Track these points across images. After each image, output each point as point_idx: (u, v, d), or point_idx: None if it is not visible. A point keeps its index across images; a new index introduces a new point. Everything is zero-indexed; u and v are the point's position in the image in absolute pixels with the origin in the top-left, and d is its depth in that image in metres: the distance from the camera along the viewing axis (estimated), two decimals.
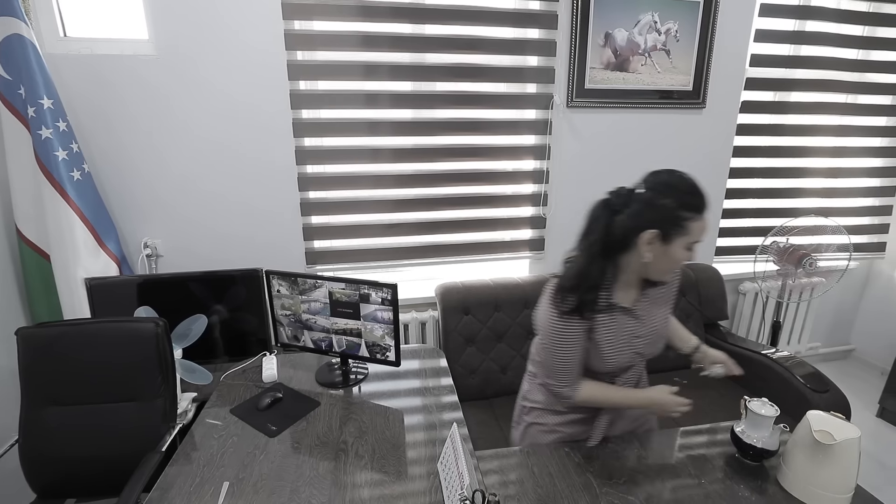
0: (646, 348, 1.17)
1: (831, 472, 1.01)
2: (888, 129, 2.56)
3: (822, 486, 1.02)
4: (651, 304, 1.16)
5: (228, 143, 1.83)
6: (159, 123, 1.77)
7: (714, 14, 2.07)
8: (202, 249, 1.92)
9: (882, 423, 2.40)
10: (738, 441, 1.12)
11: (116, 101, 1.72)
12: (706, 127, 2.26)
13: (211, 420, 1.31)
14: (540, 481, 1.09)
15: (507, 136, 2.06)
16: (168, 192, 1.85)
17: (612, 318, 1.11)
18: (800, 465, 1.04)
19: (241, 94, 1.79)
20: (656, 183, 1.02)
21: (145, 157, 1.80)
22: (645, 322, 1.15)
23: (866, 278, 2.88)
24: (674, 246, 1.01)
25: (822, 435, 0.99)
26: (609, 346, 1.11)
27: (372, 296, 1.38)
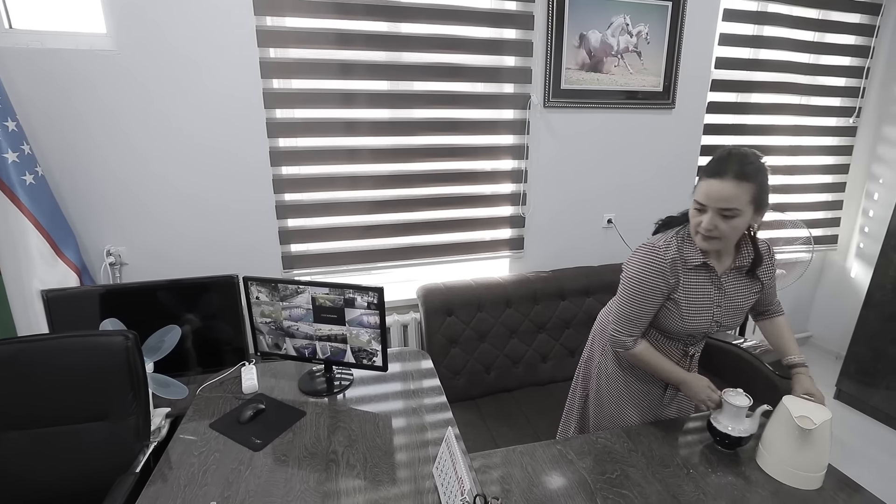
0: (725, 318, 1.19)
1: (809, 454, 1.06)
2: (838, 128, 2.73)
3: (800, 466, 1.07)
4: (740, 278, 1.18)
5: (197, 143, 1.75)
6: (120, 123, 1.67)
7: (682, 17, 2.14)
8: (170, 256, 1.83)
9: (839, 404, 2.55)
10: (713, 430, 1.16)
11: (72, 99, 1.61)
12: (676, 126, 2.34)
13: (189, 436, 1.24)
14: (535, 480, 1.09)
15: (485, 136, 2.06)
16: (132, 195, 1.74)
17: (698, 281, 1.15)
18: (780, 449, 1.09)
19: (210, 93, 1.71)
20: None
21: (106, 158, 1.69)
22: (728, 293, 1.17)
23: (821, 269, 3.06)
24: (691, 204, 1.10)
25: (803, 420, 1.03)
26: (690, 306, 1.15)
27: (357, 300, 1.34)
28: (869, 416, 2.43)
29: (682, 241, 1.15)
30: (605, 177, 2.26)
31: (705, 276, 1.15)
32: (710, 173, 1.05)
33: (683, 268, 1.14)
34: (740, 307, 1.19)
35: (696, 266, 1.14)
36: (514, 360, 1.99)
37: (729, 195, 1.02)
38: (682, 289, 1.15)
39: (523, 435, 1.67)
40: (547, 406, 1.85)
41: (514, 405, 1.88)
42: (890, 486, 1.98)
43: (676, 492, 1.05)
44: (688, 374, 1.22)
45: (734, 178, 1.02)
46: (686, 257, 1.14)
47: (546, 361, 2.05)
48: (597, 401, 1.37)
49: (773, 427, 1.11)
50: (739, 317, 1.21)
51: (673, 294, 1.15)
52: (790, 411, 1.06)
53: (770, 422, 1.13)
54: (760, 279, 1.19)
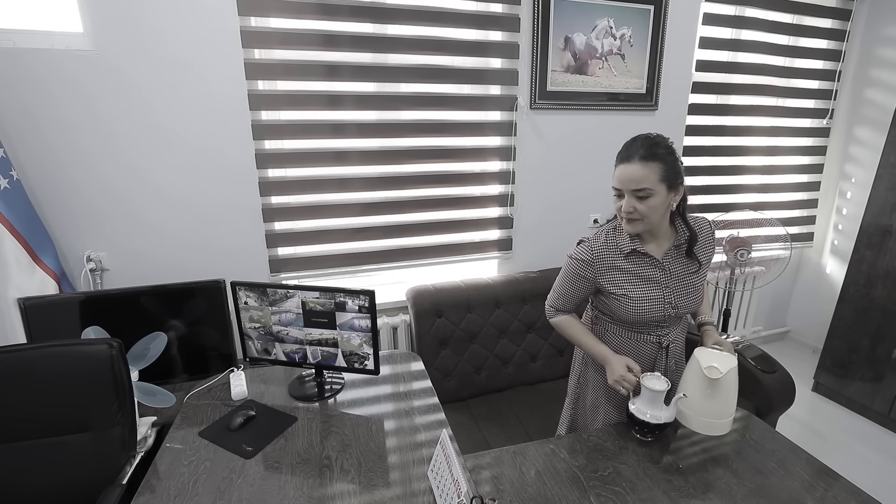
0: (679, 300, 1.21)
1: (719, 401, 1.12)
2: (812, 129, 2.82)
3: (713, 414, 1.12)
4: (682, 259, 1.22)
5: (180, 145, 1.71)
6: (100, 125, 1.62)
7: (663, 21, 2.19)
8: (154, 261, 1.79)
9: (817, 396, 2.64)
10: (631, 417, 1.13)
11: (48, 101, 1.56)
12: (659, 127, 2.33)
13: (177, 445, 1.22)
14: (528, 480, 1.09)
15: (472, 138, 2.07)
16: (112, 200, 1.70)
17: (642, 268, 1.20)
18: (693, 399, 1.13)
19: (193, 94, 1.68)
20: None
21: (84, 162, 1.64)
22: (674, 274, 1.21)
23: (798, 266, 3.15)
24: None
25: (711, 370, 1.09)
26: (639, 294, 1.19)
27: (348, 304, 1.33)
28: (845, 408, 2.52)
29: (613, 231, 1.21)
30: (591, 177, 2.29)
31: (647, 262, 1.19)
32: (620, 159, 1.13)
33: (619, 255, 1.19)
34: (692, 285, 1.23)
35: (630, 253, 1.18)
36: (504, 360, 2.01)
37: (638, 176, 1.09)
38: (623, 279, 1.19)
39: (514, 435, 1.68)
40: (537, 405, 1.87)
41: (505, 405, 1.89)
42: (865, 474, 2.06)
43: (667, 487, 1.08)
44: (609, 353, 1.22)
45: (640, 159, 1.09)
46: (620, 245, 1.19)
47: (535, 361, 2.06)
48: (583, 400, 1.39)
49: (688, 380, 1.15)
50: (694, 295, 1.23)
51: (612, 287, 1.20)
52: (699, 362, 1.11)
53: (684, 375, 1.17)
54: (697, 257, 1.23)
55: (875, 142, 2.50)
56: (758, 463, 1.15)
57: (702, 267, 1.25)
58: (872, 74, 2.65)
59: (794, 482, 1.10)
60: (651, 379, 1.12)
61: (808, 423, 2.41)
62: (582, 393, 1.40)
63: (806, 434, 2.32)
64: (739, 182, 2.74)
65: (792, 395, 1.93)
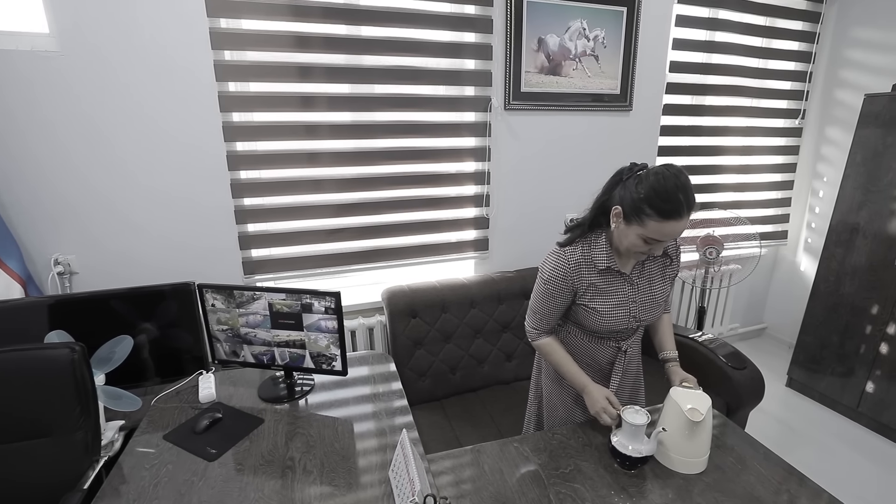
0: (642, 313, 1.23)
1: (698, 441, 1.12)
2: (785, 129, 2.87)
3: (692, 454, 1.13)
4: (648, 274, 1.24)
5: (149, 147, 1.70)
6: (66, 127, 1.60)
7: (636, 22, 2.21)
8: (125, 264, 1.77)
9: (790, 391, 2.69)
10: (614, 451, 1.12)
11: (13, 102, 1.54)
12: (634, 128, 2.41)
13: (141, 449, 1.21)
14: (491, 478, 1.11)
15: (447, 139, 2.08)
16: (81, 201, 1.68)
17: (612, 282, 1.19)
18: (675, 442, 1.13)
19: (162, 95, 1.66)
20: (650, 172, 1.04)
21: (52, 164, 1.62)
22: (642, 288, 1.22)
23: (773, 263, 3.21)
24: (630, 230, 1.08)
25: (692, 413, 1.09)
26: (608, 306, 1.19)
27: (315, 305, 1.33)
28: (817, 402, 2.57)
29: (589, 245, 1.19)
30: (566, 177, 2.31)
31: (616, 276, 1.20)
32: (666, 215, 1.01)
33: (592, 271, 1.18)
34: (656, 299, 1.25)
35: (603, 269, 1.18)
36: (479, 359, 2.02)
37: (685, 227, 1.05)
38: (596, 291, 1.19)
39: (487, 433, 1.70)
40: (511, 404, 1.88)
41: (479, 404, 1.90)
42: (831, 467, 2.10)
43: (626, 483, 1.09)
44: (589, 383, 1.23)
45: (688, 212, 1.02)
46: (595, 261, 1.18)
47: (511, 360, 2.08)
48: (547, 400, 1.41)
49: (667, 421, 1.14)
50: (657, 309, 1.26)
51: (585, 300, 1.20)
52: (679, 405, 1.11)
53: (661, 416, 1.17)
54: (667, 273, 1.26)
55: (845, 141, 2.55)
56: (717, 458, 1.17)
57: (669, 277, 1.27)
58: (841, 75, 2.70)
59: (750, 476, 1.12)
60: (631, 413, 1.12)
61: (780, 417, 2.46)
62: (545, 393, 1.42)
63: (778, 428, 2.37)
64: (716, 181, 2.78)
65: (761, 390, 1.96)
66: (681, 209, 1.01)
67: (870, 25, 2.55)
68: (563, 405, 1.36)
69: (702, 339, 2.14)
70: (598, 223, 1.19)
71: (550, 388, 1.38)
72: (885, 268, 2.20)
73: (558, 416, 1.37)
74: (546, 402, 1.41)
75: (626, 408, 1.15)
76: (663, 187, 1.01)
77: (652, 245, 1.08)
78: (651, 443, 1.12)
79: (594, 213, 1.17)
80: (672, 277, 1.29)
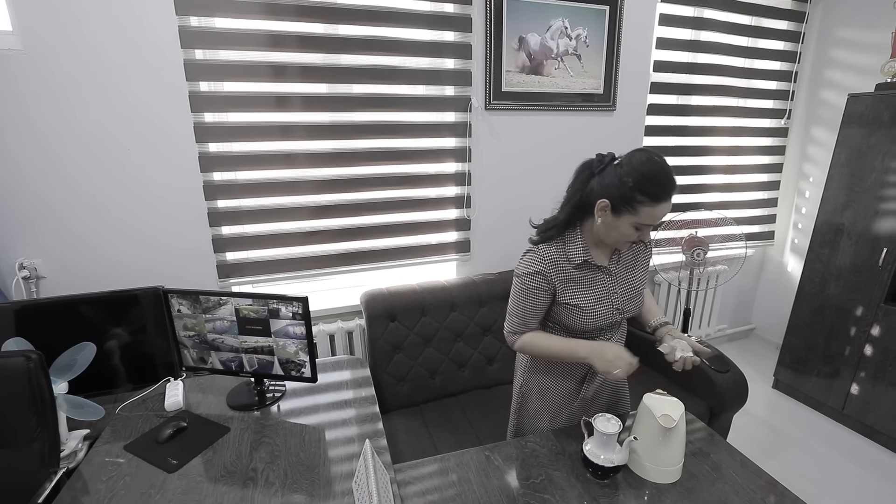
0: (625, 304, 1.20)
1: (672, 449, 1.09)
2: (771, 129, 2.85)
3: (666, 462, 1.09)
4: (625, 264, 1.22)
5: (118, 148, 1.66)
6: (32, 127, 1.56)
7: (619, 22, 2.19)
8: (95, 268, 1.73)
9: (776, 393, 2.67)
10: (586, 461, 1.09)
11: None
12: (617, 128, 2.39)
13: (101, 460, 1.17)
14: (459, 489, 1.08)
15: (427, 139, 2.05)
16: (46, 204, 1.64)
17: (591, 276, 1.16)
18: (648, 451, 1.10)
19: (131, 95, 1.62)
20: (631, 159, 1.03)
21: (16, 164, 1.58)
22: (620, 279, 1.20)
23: (761, 264, 3.20)
24: (621, 221, 1.05)
25: (665, 419, 1.06)
26: (587, 301, 1.16)
27: (282, 310, 1.30)
28: (802, 404, 2.55)
29: (563, 242, 1.16)
30: (549, 178, 2.28)
31: (594, 270, 1.17)
32: (658, 198, 1.01)
33: (568, 266, 1.15)
34: (635, 288, 1.22)
35: (580, 264, 1.15)
36: (459, 363, 1.99)
37: (670, 208, 1.06)
38: (575, 289, 1.16)
39: (465, 440, 1.67)
40: (491, 409, 1.85)
41: (459, 410, 1.87)
42: (819, 470, 2.09)
43: (597, 493, 1.07)
44: (592, 344, 1.14)
45: (674, 192, 1.03)
46: (570, 256, 1.15)
47: (493, 364, 2.05)
48: (525, 408, 1.37)
49: (640, 429, 1.11)
50: (637, 298, 1.23)
51: (565, 298, 1.16)
52: (652, 411, 1.08)
53: (636, 424, 1.13)
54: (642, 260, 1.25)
55: (830, 141, 2.53)
56: (692, 466, 1.15)
57: (644, 261, 1.26)
58: (826, 75, 2.69)
59: (725, 485, 1.10)
60: (603, 421, 1.09)
61: (766, 420, 2.44)
62: (524, 401, 1.38)
63: (763, 431, 2.35)
64: (703, 182, 2.76)
65: (744, 394, 1.94)
66: (671, 190, 1.02)
67: (854, 25, 2.54)
68: (546, 409, 1.31)
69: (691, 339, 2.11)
70: (573, 220, 1.16)
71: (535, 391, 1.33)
72: (869, 269, 2.19)
73: (541, 420, 1.32)
74: (529, 406, 1.37)
75: (597, 416, 1.12)
76: (652, 171, 1.01)
77: (642, 231, 1.07)
78: (623, 451, 1.09)
79: (569, 211, 1.14)
80: (647, 261, 1.27)
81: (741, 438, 2.24)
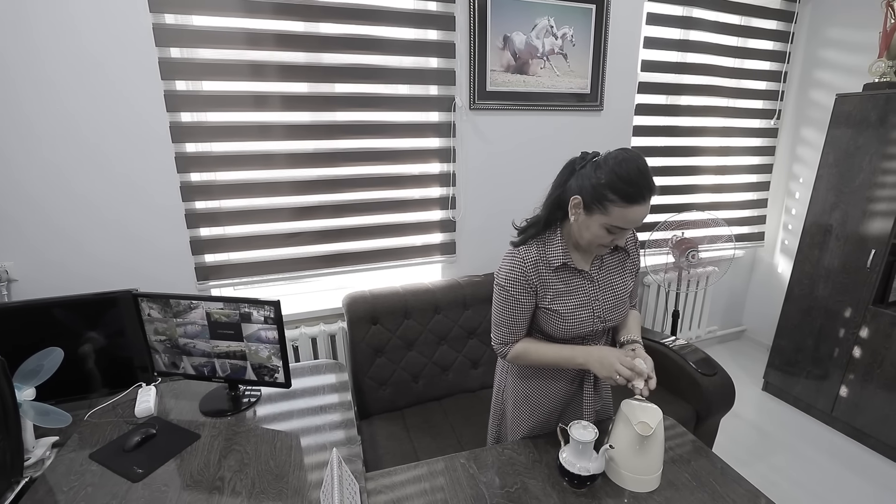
0: (606, 313, 1.16)
1: (650, 456, 1.06)
2: (761, 130, 2.84)
3: (644, 471, 1.07)
4: (608, 270, 1.17)
5: (92, 148, 1.62)
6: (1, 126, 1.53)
7: (606, 21, 2.17)
8: (70, 272, 1.69)
9: (766, 395, 2.65)
10: (563, 470, 1.06)
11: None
12: (605, 128, 2.37)
13: (66, 468, 1.14)
14: (431, 498, 1.05)
15: (411, 140, 2.02)
16: (19, 205, 1.60)
17: (571, 281, 1.13)
18: (626, 459, 1.07)
19: (103, 94, 1.58)
20: (608, 157, 1.00)
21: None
22: (602, 286, 1.15)
23: (752, 265, 3.18)
24: (593, 220, 1.02)
25: (642, 427, 1.03)
26: (566, 306, 1.12)
27: (254, 315, 1.27)
28: (792, 406, 2.54)
29: (543, 243, 1.13)
30: (535, 179, 2.26)
31: (574, 275, 1.14)
32: (630, 199, 0.96)
33: (548, 269, 1.12)
34: (619, 295, 1.18)
35: (559, 267, 1.11)
36: (443, 367, 1.96)
37: (647, 211, 1.01)
38: (555, 294, 1.12)
39: (446, 445, 1.64)
40: (473, 413, 1.82)
41: (441, 414, 1.84)
42: (807, 473, 2.07)
43: (573, 503, 1.04)
44: (588, 350, 1.10)
45: (650, 196, 0.99)
46: (549, 259, 1.11)
47: (477, 367, 2.02)
48: (506, 415, 1.35)
49: (617, 436, 1.08)
50: (621, 307, 1.18)
51: (545, 302, 1.13)
52: (629, 419, 1.05)
53: (613, 432, 1.10)
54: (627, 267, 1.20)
55: (819, 142, 2.52)
56: (671, 474, 1.12)
57: (629, 272, 1.21)
58: (816, 75, 2.68)
59: (704, 494, 1.07)
60: (578, 429, 1.06)
61: (755, 422, 2.42)
62: (505, 407, 1.36)
63: (751, 434, 2.33)
64: (692, 182, 2.74)
65: (731, 397, 1.92)
66: (644, 192, 0.97)
67: (842, 25, 2.53)
68: (527, 414, 1.28)
69: (673, 345, 2.10)
70: (554, 220, 1.12)
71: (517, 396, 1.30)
72: (857, 270, 2.17)
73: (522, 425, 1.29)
74: (510, 411, 1.34)
75: (573, 423, 1.09)
76: (625, 170, 0.96)
77: (615, 235, 1.03)
78: (599, 460, 1.06)
79: (549, 209, 1.11)
80: (633, 272, 1.23)
81: (730, 441, 2.22)
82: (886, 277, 2.11)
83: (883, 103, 2.03)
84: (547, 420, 1.27)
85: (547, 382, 1.24)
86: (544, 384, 1.24)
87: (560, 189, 1.09)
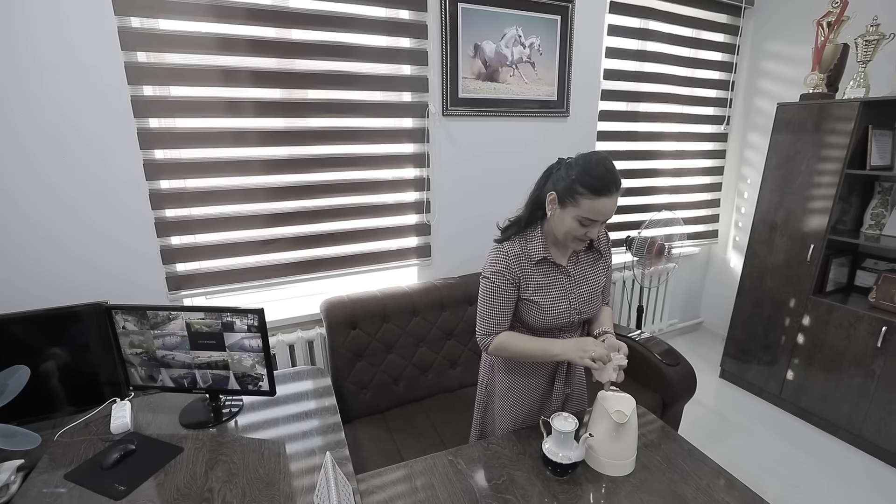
0: (582, 305, 1.25)
1: (625, 442, 1.15)
2: (713, 135, 3.04)
3: (619, 456, 1.15)
4: (584, 265, 1.27)
5: (55, 157, 1.55)
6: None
7: (570, 31, 2.27)
8: (29, 286, 1.61)
9: (723, 382, 2.85)
10: (545, 459, 1.13)
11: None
12: (571, 134, 2.47)
13: (39, 491, 1.10)
14: (422, 495, 1.08)
15: (385, 145, 2.04)
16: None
17: (549, 275, 1.21)
18: (603, 445, 1.15)
19: (66, 100, 1.52)
20: (579, 158, 1.12)
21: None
22: (578, 280, 1.25)
23: (707, 261, 3.39)
24: (566, 213, 1.13)
25: (618, 415, 1.12)
26: (546, 298, 1.20)
27: (237, 323, 1.26)
28: (746, 391, 2.73)
29: (525, 240, 1.22)
30: (507, 183, 2.33)
31: (552, 269, 1.23)
32: (598, 192, 1.07)
33: (529, 263, 1.20)
34: (593, 289, 1.28)
35: (539, 261, 1.20)
36: (423, 368, 1.99)
37: (615, 205, 1.11)
38: (535, 286, 1.21)
39: (429, 445, 1.67)
40: (455, 412, 1.87)
41: (423, 415, 1.88)
42: (761, 451, 2.24)
43: (557, 490, 1.10)
44: (565, 342, 1.19)
45: (616, 190, 1.09)
46: (530, 253, 1.21)
47: (455, 367, 2.07)
48: (490, 408, 1.40)
49: (595, 424, 1.17)
50: (595, 300, 1.28)
51: (527, 294, 1.21)
52: (606, 408, 1.14)
53: (591, 421, 1.19)
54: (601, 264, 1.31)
55: (764, 146, 2.73)
56: (645, 458, 1.20)
57: (602, 270, 1.31)
58: (759, 85, 2.90)
59: (674, 474, 1.16)
60: (560, 420, 1.13)
61: (714, 407, 2.59)
62: (489, 401, 1.41)
63: (711, 418, 2.50)
64: (652, 184, 2.90)
65: (693, 385, 2.06)
66: (610, 185, 1.08)
67: (781, 39, 2.75)
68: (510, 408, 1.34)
69: (640, 339, 2.22)
70: (534, 219, 1.22)
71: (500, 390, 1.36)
72: (799, 264, 2.37)
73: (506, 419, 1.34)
74: (494, 406, 1.39)
75: (555, 415, 1.15)
76: (593, 167, 1.09)
77: (587, 227, 1.12)
78: (580, 448, 1.13)
79: (530, 209, 1.22)
80: (605, 269, 1.33)
81: (692, 426, 2.37)
82: (824, 270, 2.32)
83: (817, 112, 2.23)
84: (528, 412, 1.33)
85: (526, 375, 1.31)
86: (524, 378, 1.32)
87: (539, 190, 1.21)
